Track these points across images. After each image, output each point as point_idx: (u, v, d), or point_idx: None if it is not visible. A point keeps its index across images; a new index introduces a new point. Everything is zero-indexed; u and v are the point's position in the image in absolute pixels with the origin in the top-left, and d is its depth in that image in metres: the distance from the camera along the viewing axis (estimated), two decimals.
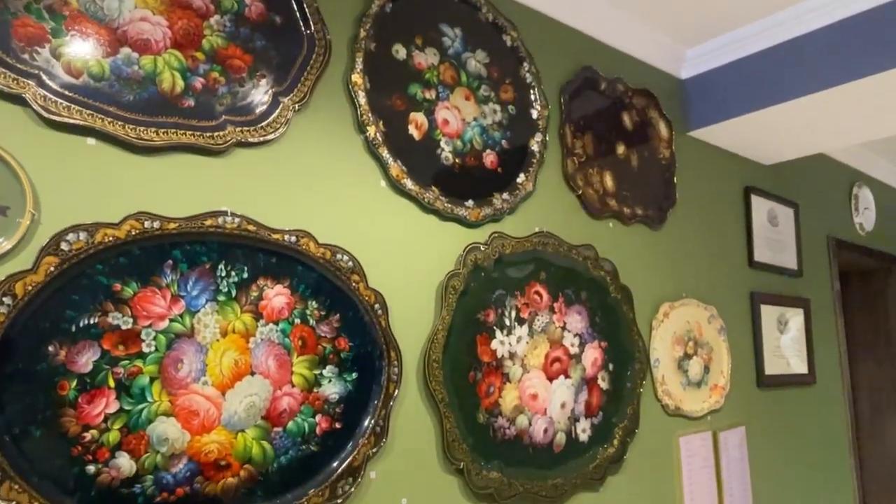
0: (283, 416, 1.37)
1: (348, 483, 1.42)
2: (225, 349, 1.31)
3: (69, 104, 1.18)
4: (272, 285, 1.39)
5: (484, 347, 1.75)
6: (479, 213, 1.80)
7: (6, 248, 1.09)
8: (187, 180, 1.32)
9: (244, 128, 1.40)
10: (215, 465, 1.27)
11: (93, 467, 1.14)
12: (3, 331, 1.06)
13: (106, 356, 1.17)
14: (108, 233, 1.18)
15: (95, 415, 1.15)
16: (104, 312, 1.18)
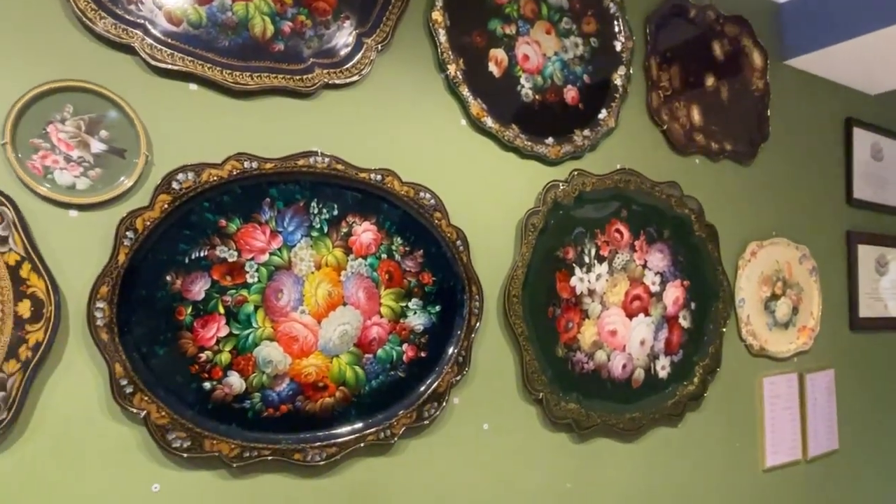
0: (372, 343, 1.46)
1: (433, 407, 1.51)
2: (319, 281, 1.40)
3: (172, 51, 1.26)
4: (360, 222, 1.46)
5: (563, 284, 1.78)
6: (560, 151, 1.79)
7: (127, 185, 1.20)
8: (280, 122, 1.39)
9: (330, 70, 1.44)
10: (314, 385, 1.38)
11: (208, 384, 1.28)
12: (128, 260, 1.19)
13: (215, 286, 1.29)
14: (213, 173, 1.27)
15: (209, 338, 1.28)
16: (212, 246, 1.29)
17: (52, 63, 1.16)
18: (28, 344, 1.10)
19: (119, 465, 1.19)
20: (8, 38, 1.14)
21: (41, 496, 1.12)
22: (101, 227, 1.19)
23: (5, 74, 1.12)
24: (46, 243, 1.13)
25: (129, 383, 1.18)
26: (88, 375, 1.17)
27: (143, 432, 1.20)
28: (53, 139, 1.15)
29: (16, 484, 1.10)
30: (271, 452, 1.31)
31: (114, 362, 1.17)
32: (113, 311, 1.17)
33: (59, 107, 1.16)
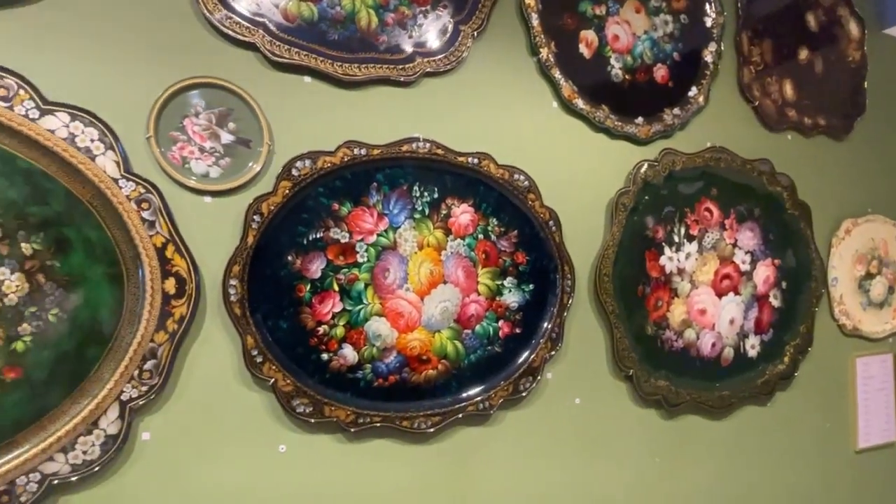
0: (471, 320, 1.53)
1: (529, 381, 1.58)
2: (422, 260, 1.48)
3: (289, 46, 1.35)
4: (458, 204, 1.53)
5: (652, 263, 1.79)
6: (649, 130, 1.79)
7: (255, 170, 1.31)
8: (384, 110, 1.46)
9: (430, 58, 1.50)
10: (418, 358, 1.47)
11: (326, 355, 1.38)
12: (256, 241, 1.30)
13: (330, 265, 1.39)
14: (327, 159, 1.36)
15: (325, 313, 1.38)
16: (327, 228, 1.38)
17: (186, 62, 1.27)
18: (174, 317, 1.23)
19: (250, 427, 1.31)
20: (147, 42, 1.25)
21: (187, 451, 1.26)
22: (232, 211, 1.30)
23: (146, 74, 1.24)
24: (185, 227, 1.25)
25: (259, 354, 1.30)
26: (224, 346, 1.29)
27: (271, 398, 1.32)
28: (189, 132, 1.27)
29: (166, 439, 1.24)
30: (382, 419, 1.41)
31: (246, 335, 1.28)
32: (244, 288, 1.29)
33: (194, 102, 1.27)
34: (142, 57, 1.24)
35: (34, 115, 1.13)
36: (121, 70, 1.22)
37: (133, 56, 1.23)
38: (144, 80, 1.23)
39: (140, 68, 1.24)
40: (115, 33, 1.22)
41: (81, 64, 1.19)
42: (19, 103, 1.12)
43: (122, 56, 1.23)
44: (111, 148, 1.18)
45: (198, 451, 1.27)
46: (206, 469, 1.27)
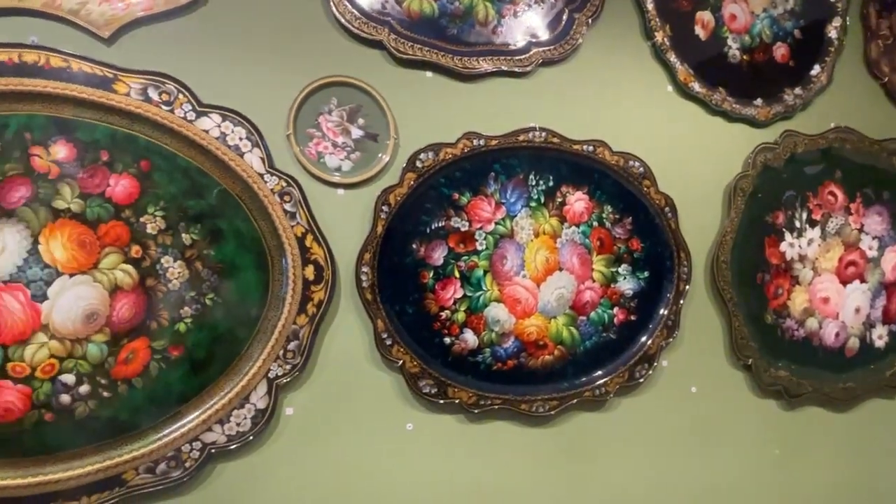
0: (586, 306, 1.55)
1: (644, 368, 1.58)
2: (538, 248, 1.51)
3: (412, 43, 1.41)
4: (573, 192, 1.54)
5: (772, 249, 1.74)
6: (769, 112, 1.73)
7: (385, 160, 1.38)
8: (501, 101, 1.49)
9: (545, 48, 1.52)
10: (535, 344, 1.51)
11: (448, 339, 1.44)
12: (384, 231, 1.37)
13: (452, 252, 1.44)
14: (448, 151, 1.42)
15: (447, 298, 1.44)
16: (448, 217, 1.44)
17: (320, 63, 1.35)
18: (313, 302, 1.32)
19: (380, 405, 1.39)
20: (286, 45, 1.34)
21: (325, 426, 1.35)
22: (362, 202, 1.38)
23: (285, 75, 1.33)
24: (321, 217, 1.34)
25: (389, 336, 1.37)
26: (356, 329, 1.38)
27: (399, 379, 1.40)
28: (324, 128, 1.35)
29: (307, 414, 1.34)
30: (501, 402, 1.46)
31: (376, 318, 1.36)
32: (374, 275, 1.36)
33: (327, 100, 1.35)
34: (281, 59, 1.33)
35: (191, 116, 1.24)
36: (263, 72, 1.32)
37: (273, 59, 1.33)
38: (284, 81, 1.32)
39: (280, 70, 1.33)
40: (257, 39, 1.32)
41: (229, 68, 1.30)
42: (179, 106, 1.23)
43: (263, 59, 1.32)
44: (257, 145, 1.28)
45: (334, 426, 1.36)
46: (341, 442, 1.36)
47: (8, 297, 1.15)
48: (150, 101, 1.21)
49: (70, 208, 1.18)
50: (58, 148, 1.17)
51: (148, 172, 1.22)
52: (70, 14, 1.19)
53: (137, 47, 1.24)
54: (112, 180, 1.20)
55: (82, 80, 1.18)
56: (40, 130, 1.17)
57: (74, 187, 1.18)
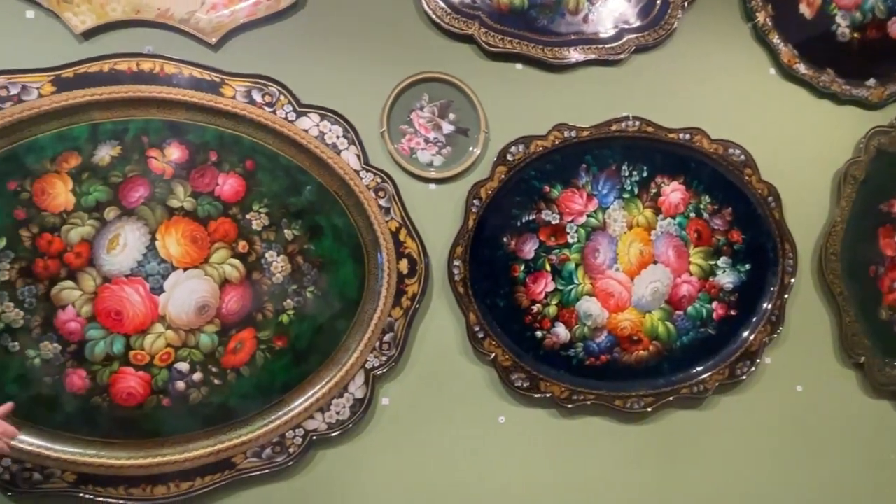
0: (682, 301, 1.50)
1: (746, 365, 1.51)
2: (631, 240, 1.47)
3: (502, 36, 1.40)
4: (668, 182, 1.49)
5: (887, 241, 1.62)
6: (883, 93, 1.61)
7: (475, 154, 1.39)
8: (593, 91, 1.47)
9: (638, 34, 1.48)
10: (629, 339, 1.47)
11: (540, 333, 1.43)
12: (475, 224, 1.38)
13: (542, 246, 1.43)
14: (539, 143, 1.40)
15: (538, 292, 1.43)
16: (538, 210, 1.43)
17: (412, 59, 1.37)
18: (407, 295, 1.35)
19: (473, 397, 1.40)
20: (379, 44, 1.37)
21: (419, 416, 1.38)
22: (453, 196, 1.39)
23: (379, 73, 1.36)
24: (414, 212, 1.36)
25: (481, 329, 1.38)
26: (449, 321, 1.39)
27: (491, 371, 1.40)
28: (416, 124, 1.37)
29: (402, 404, 1.37)
30: (595, 397, 1.44)
31: (468, 311, 1.37)
32: (466, 269, 1.37)
33: (419, 96, 1.37)
34: (374, 58, 1.36)
35: (292, 117, 1.29)
36: (357, 71, 1.35)
37: (367, 58, 1.36)
38: (377, 79, 1.35)
39: (373, 68, 1.36)
40: (351, 39, 1.35)
41: (326, 68, 1.34)
42: (280, 107, 1.28)
43: (358, 59, 1.35)
44: (353, 143, 1.31)
45: (428, 417, 1.38)
46: (435, 433, 1.39)
47: (130, 289, 1.23)
48: (254, 103, 1.27)
49: (183, 206, 1.25)
50: (172, 150, 1.25)
51: (252, 171, 1.28)
52: (181, 23, 1.27)
53: (241, 52, 1.30)
54: (220, 179, 1.27)
55: (192, 84, 1.25)
56: (156, 133, 1.25)
57: (187, 186, 1.26)
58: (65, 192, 1.20)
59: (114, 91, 1.20)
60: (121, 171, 1.22)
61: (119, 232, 1.23)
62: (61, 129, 1.20)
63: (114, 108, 1.22)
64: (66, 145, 1.20)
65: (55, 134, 1.20)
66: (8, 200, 1.18)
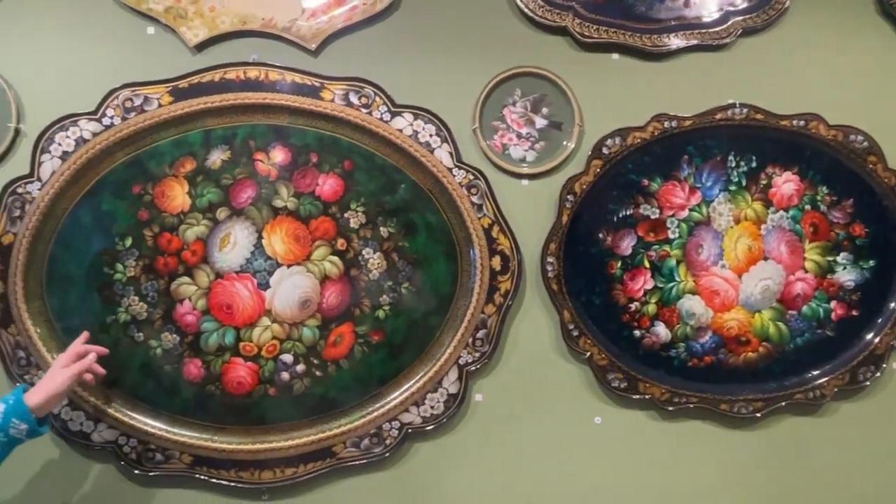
0: (796, 300, 1.40)
1: (869, 370, 1.39)
2: (738, 235, 1.39)
3: (597, 26, 1.37)
4: (780, 172, 1.39)
5: None
6: None
7: (570, 148, 1.36)
8: (695, 78, 1.39)
9: (746, 16, 1.39)
10: (736, 340, 1.39)
11: (638, 332, 1.39)
12: (570, 220, 1.35)
13: (641, 241, 1.38)
14: (637, 135, 1.35)
15: (636, 290, 1.38)
16: (636, 205, 1.38)
17: (503, 54, 1.36)
18: (500, 291, 1.34)
19: (567, 397, 1.38)
20: (470, 41, 1.37)
21: (513, 414, 1.38)
22: (546, 192, 1.37)
23: (470, 70, 1.36)
24: (507, 208, 1.35)
25: (575, 328, 1.35)
26: (542, 319, 1.38)
27: (586, 371, 1.37)
28: (508, 120, 1.37)
29: (495, 401, 1.37)
30: (698, 400, 1.37)
31: (562, 309, 1.35)
32: (560, 265, 1.35)
33: (511, 91, 1.36)
34: (467, 56, 1.36)
35: (387, 117, 1.32)
36: (450, 70, 1.36)
37: (459, 56, 1.37)
38: (469, 76, 1.35)
39: (465, 66, 1.36)
40: (444, 38, 1.37)
41: (419, 68, 1.36)
42: (376, 108, 1.32)
43: (450, 57, 1.36)
44: (446, 141, 1.33)
45: (521, 415, 1.37)
46: (528, 431, 1.38)
47: (239, 285, 1.31)
48: (352, 105, 1.31)
49: (287, 206, 1.32)
50: (276, 152, 1.32)
51: (350, 171, 1.33)
52: (283, 31, 1.33)
53: (339, 56, 1.35)
54: (320, 180, 1.32)
55: (294, 90, 1.31)
56: (262, 137, 1.32)
57: (290, 187, 1.32)
58: (182, 195, 1.30)
59: (224, 98, 1.29)
60: (231, 173, 1.31)
61: (230, 231, 1.31)
62: (178, 136, 1.30)
63: (224, 114, 1.30)
64: (182, 151, 1.30)
65: (173, 140, 1.30)
66: (133, 203, 1.29)
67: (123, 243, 1.29)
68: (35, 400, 1.09)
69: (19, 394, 1.10)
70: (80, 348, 1.20)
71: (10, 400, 1.09)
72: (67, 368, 1.15)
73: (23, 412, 1.08)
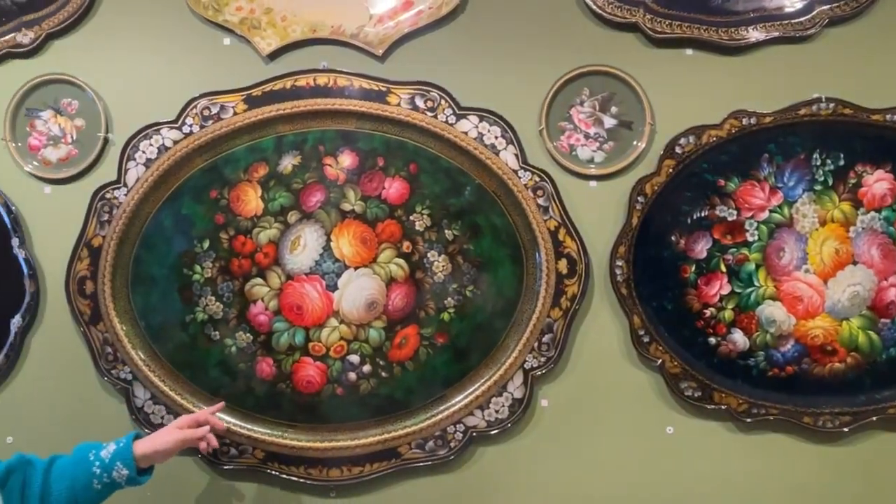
0: (890, 307, 1.30)
1: None
2: (824, 238, 1.31)
3: (669, 20, 1.32)
4: (871, 171, 1.30)
5: None
6: None
7: (640, 148, 1.32)
8: (776, 72, 1.32)
9: (833, 5, 1.30)
10: (821, 349, 1.31)
11: (713, 339, 1.32)
12: (640, 222, 1.31)
13: (717, 244, 1.32)
14: (712, 133, 1.30)
15: (712, 295, 1.32)
16: (712, 206, 1.32)
17: (570, 53, 1.34)
18: (566, 295, 1.32)
19: (637, 405, 1.34)
20: (536, 41, 1.35)
21: (579, 421, 1.35)
22: (615, 194, 1.33)
23: (537, 71, 1.34)
24: (574, 211, 1.32)
25: (646, 334, 1.31)
26: (610, 324, 1.34)
27: (657, 378, 1.33)
28: (575, 120, 1.34)
29: (561, 407, 1.35)
30: (779, 412, 1.30)
31: (632, 314, 1.31)
32: (630, 269, 1.31)
33: (579, 91, 1.33)
34: (533, 56, 1.35)
35: (452, 120, 1.32)
36: (515, 70, 1.35)
37: (525, 56, 1.35)
38: (535, 76, 1.34)
39: (532, 66, 1.34)
40: (510, 39, 1.35)
41: (485, 70, 1.35)
42: (441, 111, 1.32)
43: (516, 58, 1.35)
44: (511, 142, 1.31)
45: (588, 422, 1.34)
46: (595, 439, 1.34)
47: (309, 286, 1.35)
48: (417, 108, 1.32)
49: (354, 209, 1.34)
50: (344, 157, 1.34)
51: (416, 174, 1.34)
52: (351, 38, 1.35)
53: (405, 60, 1.36)
54: (387, 183, 1.34)
55: (362, 95, 1.33)
56: (330, 142, 1.35)
57: (357, 191, 1.34)
58: (255, 199, 1.35)
59: (295, 105, 1.33)
60: (301, 178, 1.34)
61: (300, 234, 1.35)
62: (252, 142, 1.34)
63: (295, 121, 1.34)
64: (256, 157, 1.35)
65: (247, 147, 1.35)
66: (210, 207, 1.35)
67: (201, 245, 1.35)
68: (142, 449, 1.11)
69: (130, 439, 1.12)
70: (202, 416, 1.21)
71: (122, 443, 1.11)
72: (181, 431, 1.16)
73: (128, 458, 1.09)
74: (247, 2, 1.36)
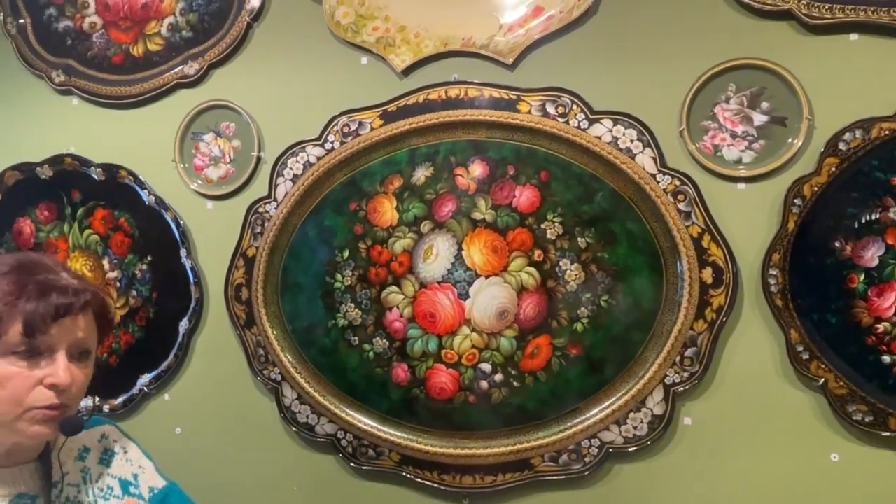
0: None
1: None
2: None
3: (830, 4, 1.19)
4: None
5: None
6: None
7: (796, 146, 1.20)
8: None
9: None
10: None
11: (888, 357, 1.17)
12: (797, 227, 1.19)
13: (890, 251, 1.16)
14: (884, 127, 1.15)
15: (886, 308, 1.17)
16: (885, 208, 1.17)
17: (712, 47, 1.25)
18: (712, 307, 1.23)
19: (795, 428, 1.21)
20: (672, 36, 1.28)
21: (728, 441, 1.25)
22: (767, 196, 1.22)
23: (675, 69, 1.26)
24: (720, 216, 1.23)
25: (805, 350, 1.18)
26: (763, 339, 1.23)
27: (819, 399, 1.20)
28: (720, 118, 1.25)
29: (707, 426, 1.26)
30: None
31: (789, 328, 1.19)
32: (785, 278, 1.19)
33: (724, 87, 1.24)
34: (670, 53, 1.28)
35: (584, 125, 1.28)
36: (651, 70, 1.29)
37: (662, 54, 1.28)
38: (674, 75, 1.26)
39: (668, 65, 1.27)
40: (645, 37, 1.29)
41: (619, 71, 1.30)
42: (573, 117, 1.29)
43: (652, 56, 1.29)
44: (648, 145, 1.25)
45: (738, 444, 1.24)
46: (746, 463, 1.23)
47: (441, 295, 1.37)
48: (548, 115, 1.30)
49: (485, 218, 1.35)
50: (474, 167, 1.35)
51: (547, 182, 1.32)
52: (482, 48, 1.36)
53: (535, 67, 1.35)
54: (517, 191, 1.33)
55: (492, 104, 1.33)
56: (461, 153, 1.36)
57: (487, 200, 1.35)
58: (391, 210, 1.40)
59: (427, 118, 1.36)
60: (433, 189, 1.37)
61: (432, 243, 1.38)
62: (387, 156, 1.40)
63: (427, 133, 1.37)
64: (391, 169, 1.40)
65: (383, 160, 1.41)
66: (349, 219, 1.42)
67: (342, 255, 1.43)
68: None
69: None
70: None
71: None
72: None
73: None
74: (382, 21, 1.42)
